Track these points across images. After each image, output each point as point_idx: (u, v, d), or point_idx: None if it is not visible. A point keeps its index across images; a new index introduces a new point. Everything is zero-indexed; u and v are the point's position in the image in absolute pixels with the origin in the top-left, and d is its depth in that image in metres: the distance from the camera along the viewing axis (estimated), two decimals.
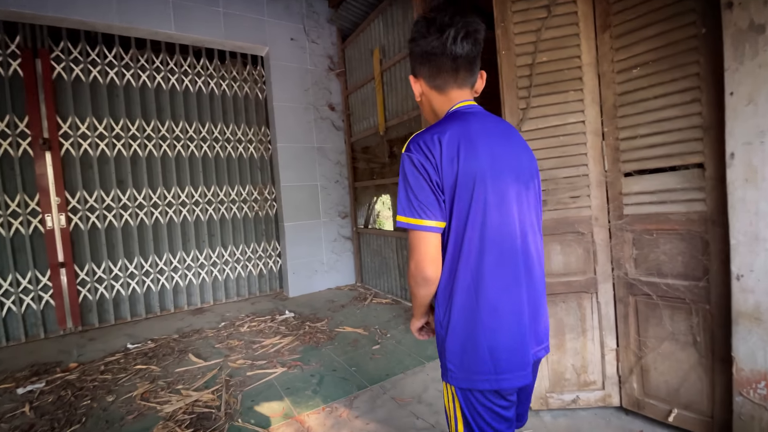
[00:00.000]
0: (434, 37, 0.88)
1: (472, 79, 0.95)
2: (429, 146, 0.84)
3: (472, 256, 0.85)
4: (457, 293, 0.86)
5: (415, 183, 0.84)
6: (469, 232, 0.84)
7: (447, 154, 0.83)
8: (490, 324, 0.85)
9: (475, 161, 0.84)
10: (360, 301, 3.89)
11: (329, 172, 4.45)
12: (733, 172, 1.39)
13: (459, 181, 0.83)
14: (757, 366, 1.39)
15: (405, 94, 3.44)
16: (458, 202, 0.84)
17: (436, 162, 0.83)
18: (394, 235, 3.83)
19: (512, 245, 0.87)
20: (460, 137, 0.85)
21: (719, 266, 1.51)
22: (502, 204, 0.86)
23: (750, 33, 1.30)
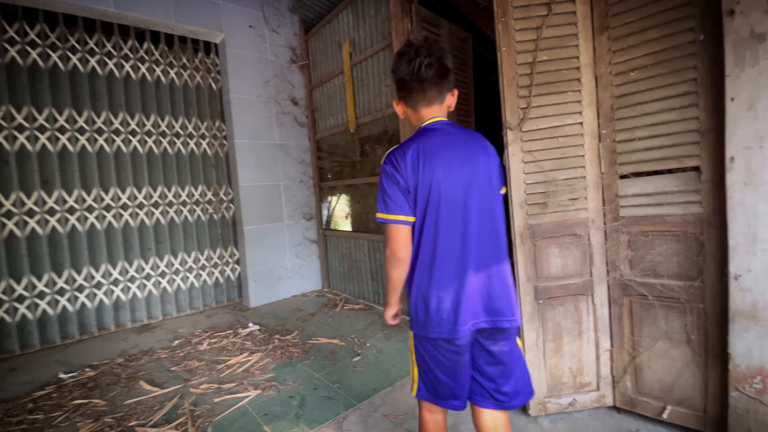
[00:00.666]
0: (405, 66, 1.14)
1: (440, 98, 1.18)
2: (398, 159, 1.12)
3: (429, 242, 1.11)
4: (417, 269, 1.14)
5: (388, 187, 1.12)
6: (427, 225, 1.11)
7: (410, 165, 1.10)
8: (437, 293, 1.11)
9: (431, 170, 1.09)
10: (330, 308, 3.68)
11: (293, 171, 4.17)
12: (732, 175, 1.43)
13: (419, 185, 1.09)
14: (753, 362, 1.45)
15: (378, 91, 3.29)
16: (419, 201, 1.11)
17: (403, 170, 1.10)
18: (366, 237, 3.67)
19: (462, 235, 1.11)
20: (421, 151, 1.11)
21: (714, 266, 1.56)
22: (454, 202, 1.11)
23: (751, 41, 1.33)
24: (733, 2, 1.35)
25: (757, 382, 1.45)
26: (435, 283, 1.11)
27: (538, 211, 1.82)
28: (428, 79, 1.13)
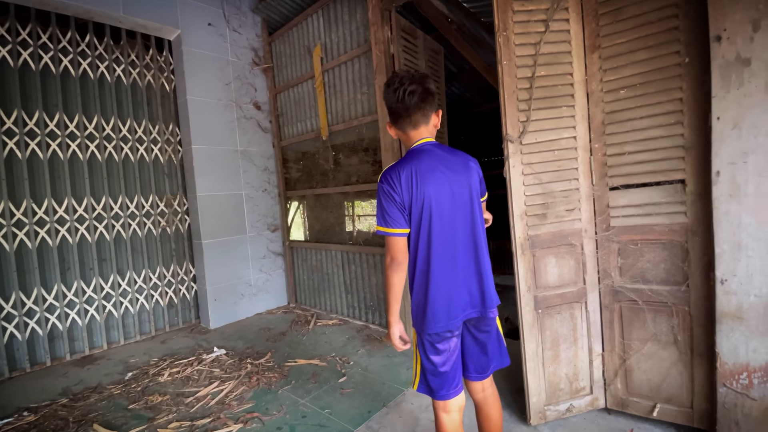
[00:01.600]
0: (392, 95, 1.32)
1: (425, 120, 1.35)
2: (393, 178, 1.29)
3: (424, 250, 1.31)
4: (416, 275, 1.33)
5: (386, 204, 1.30)
6: (421, 236, 1.30)
7: (405, 184, 1.28)
8: (433, 294, 1.30)
9: (423, 188, 1.28)
10: (302, 326, 3.48)
11: (256, 180, 3.91)
12: (718, 188, 1.55)
13: (413, 202, 1.28)
14: (739, 359, 1.57)
15: (353, 98, 3.20)
16: (414, 215, 1.30)
17: (398, 189, 1.28)
18: (340, 249, 3.53)
19: (451, 243, 1.32)
20: (413, 171, 1.28)
21: (698, 272, 1.68)
22: (443, 215, 1.30)
23: (736, 65, 1.46)
24: (720, 29, 1.48)
25: (743, 378, 1.57)
26: (432, 285, 1.30)
27: (537, 222, 1.85)
28: (412, 105, 1.30)
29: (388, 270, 1.31)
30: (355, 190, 3.32)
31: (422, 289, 1.32)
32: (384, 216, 1.29)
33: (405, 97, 1.29)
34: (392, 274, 1.30)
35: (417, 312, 1.34)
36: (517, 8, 1.76)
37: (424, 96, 1.31)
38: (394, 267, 1.30)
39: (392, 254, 1.30)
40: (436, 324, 1.30)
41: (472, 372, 1.46)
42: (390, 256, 1.31)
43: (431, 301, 1.30)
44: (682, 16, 1.60)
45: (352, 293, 3.51)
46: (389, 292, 1.33)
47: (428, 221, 1.29)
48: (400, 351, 1.43)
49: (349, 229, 3.49)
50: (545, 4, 1.78)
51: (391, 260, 1.30)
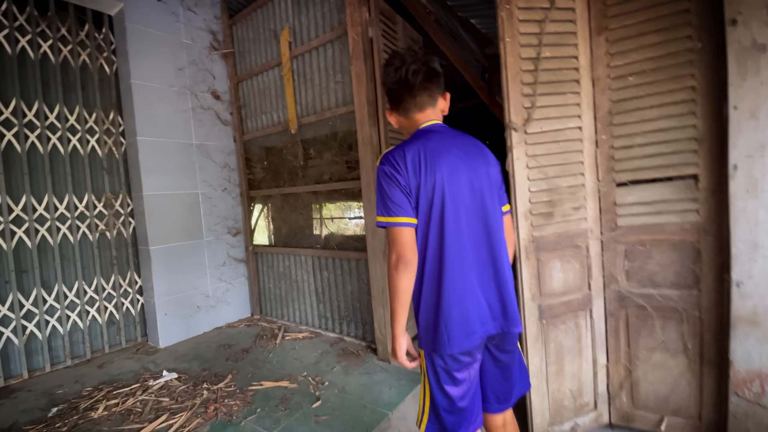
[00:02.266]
0: (393, 75, 1.15)
1: (432, 102, 1.18)
2: (397, 159, 1.08)
3: (436, 248, 1.07)
4: (425, 278, 1.09)
5: (389, 189, 1.07)
6: (432, 230, 1.07)
7: (411, 166, 1.07)
8: (447, 303, 1.06)
9: (434, 172, 1.06)
10: (268, 340, 3.11)
11: (214, 178, 3.50)
12: (735, 183, 1.43)
13: (422, 187, 1.06)
14: (752, 366, 1.46)
15: (326, 87, 2.91)
16: (422, 204, 1.07)
17: (403, 171, 1.07)
18: (311, 253, 3.21)
19: (468, 239, 1.09)
20: (422, 152, 1.07)
21: (711, 274, 1.56)
22: (458, 205, 1.08)
23: (753, 51, 1.35)
24: (735, 12, 1.37)
25: (756, 386, 1.46)
26: (446, 292, 1.07)
27: (542, 222, 1.67)
28: (417, 84, 1.14)
29: (393, 271, 1.05)
30: (327, 189, 3.03)
31: (433, 296, 1.08)
32: (386, 203, 1.07)
33: (409, 77, 1.13)
34: (399, 276, 1.04)
35: (426, 327, 1.10)
36: None
37: (430, 75, 1.15)
38: (401, 267, 1.04)
39: (398, 251, 1.04)
40: (452, 342, 1.06)
41: (492, 402, 1.23)
42: (395, 253, 1.05)
43: (445, 313, 1.07)
44: None
45: (324, 302, 3.20)
46: (395, 299, 1.07)
47: (440, 211, 1.07)
48: (409, 369, 1.18)
49: (321, 232, 3.18)
50: None
51: (396, 259, 1.05)
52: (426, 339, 1.10)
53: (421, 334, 1.12)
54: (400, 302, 1.07)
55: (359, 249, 2.86)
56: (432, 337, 1.08)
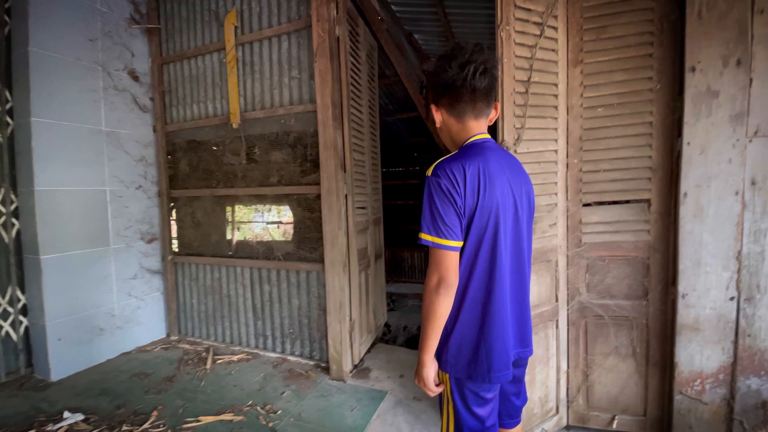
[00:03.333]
0: (456, 72, 1.03)
1: (487, 111, 1.10)
2: (455, 174, 0.98)
3: (483, 274, 1.02)
4: (466, 305, 1.04)
5: (442, 206, 0.98)
6: (482, 255, 1.02)
7: (470, 185, 0.98)
8: (490, 332, 1.03)
9: (492, 194, 1.00)
10: (195, 365, 2.68)
11: (127, 173, 2.92)
12: (685, 208, 1.66)
13: (478, 210, 0.99)
14: (694, 368, 1.70)
15: (279, 82, 2.65)
16: (475, 227, 1.00)
17: (461, 189, 0.98)
18: (249, 264, 2.87)
19: (510, 267, 1.07)
20: (481, 170, 1.00)
21: (658, 286, 1.78)
22: (507, 232, 1.04)
23: (707, 96, 1.59)
24: (695, 60, 1.59)
25: (697, 385, 1.70)
26: (491, 322, 1.03)
27: None
28: (480, 88, 1.04)
29: (434, 295, 0.99)
30: (275, 193, 2.75)
31: (475, 323, 1.04)
32: (436, 222, 0.98)
33: (475, 77, 1.01)
34: (440, 300, 0.99)
35: (458, 352, 1.05)
36: (519, 3, 1.62)
37: (493, 82, 1.06)
38: (442, 291, 0.99)
39: (442, 274, 0.99)
40: (492, 373, 1.03)
41: (504, 418, 1.23)
42: (437, 275, 0.99)
43: (488, 342, 1.03)
44: (657, 45, 1.69)
45: (264, 319, 2.88)
46: (431, 323, 1.01)
47: (492, 238, 1.02)
48: (432, 395, 1.09)
49: (265, 239, 2.87)
50: (541, 6, 1.68)
51: (439, 281, 0.99)
52: (457, 365, 1.05)
53: (450, 360, 1.06)
54: (436, 327, 1.02)
55: (312, 260, 2.65)
56: (467, 363, 1.04)
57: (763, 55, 1.52)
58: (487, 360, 1.02)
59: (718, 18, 1.55)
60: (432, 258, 1.00)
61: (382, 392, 2.33)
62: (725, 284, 1.64)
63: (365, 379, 2.50)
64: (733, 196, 1.59)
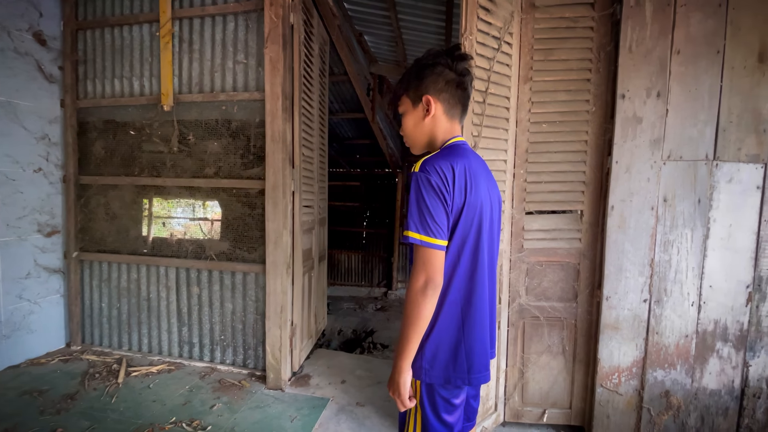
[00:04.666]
0: (459, 74, 1.05)
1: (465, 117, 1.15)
2: (445, 172, 0.96)
3: (465, 276, 1.02)
4: (446, 307, 1.01)
5: (432, 204, 0.96)
6: (465, 256, 1.01)
7: (459, 184, 0.97)
8: (470, 333, 1.02)
9: (477, 194, 1.00)
10: (104, 379, 2.32)
11: (23, 152, 2.45)
12: (611, 220, 1.85)
13: (465, 210, 0.98)
14: (613, 363, 1.90)
15: (221, 65, 2.43)
16: (461, 227, 0.99)
17: (450, 187, 0.96)
18: (176, 264, 2.57)
19: (488, 268, 1.07)
20: (467, 171, 0.99)
21: (586, 289, 1.97)
22: (486, 233, 1.04)
23: (633, 121, 1.80)
24: (625, 89, 1.79)
25: (615, 378, 1.90)
26: (472, 320, 1.02)
27: None
28: (468, 96, 1.10)
29: (419, 296, 0.95)
30: (211, 185, 2.51)
31: (454, 324, 1.02)
32: (425, 219, 0.95)
33: (469, 86, 1.08)
34: (425, 302, 0.95)
35: (436, 357, 1.01)
36: (481, 16, 1.68)
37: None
38: (429, 292, 0.95)
39: (430, 274, 0.95)
40: (472, 375, 1.01)
41: (464, 422, 1.21)
42: (425, 275, 0.95)
43: (470, 343, 1.01)
44: (594, 71, 1.87)
45: (191, 325, 2.61)
46: (414, 326, 0.96)
47: (476, 238, 1.01)
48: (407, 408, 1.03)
49: (196, 237, 2.61)
50: (500, 22, 1.76)
51: (426, 282, 0.95)
52: (432, 370, 1.01)
53: (425, 365, 1.01)
54: (419, 330, 0.97)
55: (250, 261, 2.46)
56: (444, 368, 1.01)
57: (677, 90, 1.76)
58: (467, 361, 1.01)
59: (644, 53, 1.77)
60: (419, 257, 0.96)
61: (324, 399, 2.23)
62: (640, 288, 1.86)
63: (305, 386, 2.39)
64: (649, 210, 1.82)
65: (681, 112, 1.77)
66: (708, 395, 1.86)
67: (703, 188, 1.78)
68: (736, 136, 1.76)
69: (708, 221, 1.79)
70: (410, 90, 1.09)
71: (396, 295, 6.24)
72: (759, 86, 1.74)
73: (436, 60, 1.05)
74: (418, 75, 1.07)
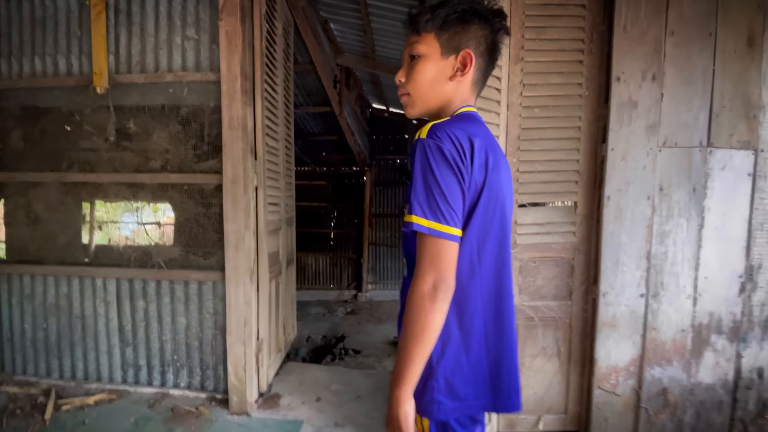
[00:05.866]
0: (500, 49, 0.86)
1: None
2: (461, 141, 0.73)
3: (490, 277, 0.80)
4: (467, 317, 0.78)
5: (445, 180, 0.72)
6: (488, 251, 0.79)
7: (478, 158, 0.74)
8: (497, 347, 0.81)
9: (499, 174, 0.79)
10: (27, 416, 1.91)
11: None
12: (607, 211, 1.74)
13: (486, 190, 0.76)
14: (610, 362, 1.79)
15: (167, 41, 2.09)
16: (480, 215, 0.76)
17: (467, 161, 0.73)
18: (116, 274, 2.19)
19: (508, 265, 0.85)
20: (488, 144, 0.78)
21: (581, 286, 1.85)
22: (507, 223, 0.84)
23: (628, 105, 1.69)
24: (620, 71, 1.68)
25: (612, 379, 1.79)
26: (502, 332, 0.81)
27: None
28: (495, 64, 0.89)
29: (427, 302, 0.70)
30: (157, 181, 2.16)
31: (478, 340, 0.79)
32: (435, 200, 0.71)
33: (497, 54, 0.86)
34: (435, 310, 0.70)
35: (451, 386, 0.77)
36: None
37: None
38: (440, 296, 0.70)
39: (441, 272, 0.71)
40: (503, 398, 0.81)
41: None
42: (436, 274, 0.71)
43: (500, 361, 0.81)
44: (587, 53, 1.75)
45: (135, 345, 2.23)
46: (420, 343, 0.71)
47: (501, 228, 0.80)
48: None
49: (140, 242, 2.24)
50: None
51: (435, 284, 0.70)
52: (449, 401, 0.77)
53: (437, 398, 0.77)
54: (425, 348, 0.71)
55: (206, 268, 2.14)
56: (464, 397, 0.78)
57: (671, 72, 1.67)
58: (497, 386, 0.80)
59: (639, 33, 1.67)
60: (426, 251, 0.72)
61: (297, 422, 1.97)
62: (637, 282, 1.76)
63: (275, 408, 2.10)
64: (645, 200, 1.72)
65: (676, 96, 1.68)
66: (703, 390, 1.80)
67: (698, 176, 1.71)
68: (728, 122, 1.70)
69: (703, 210, 1.72)
70: (447, 31, 0.80)
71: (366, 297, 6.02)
72: (749, 71, 1.69)
73: (492, 18, 0.81)
74: (464, 18, 0.80)
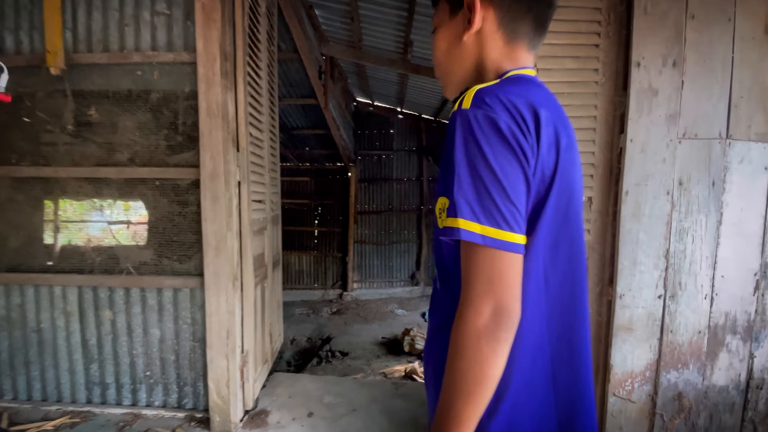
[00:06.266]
0: None
1: (541, 42, 0.68)
2: (522, 111, 0.52)
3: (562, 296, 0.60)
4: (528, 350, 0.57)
5: (504, 167, 0.50)
6: (560, 262, 0.59)
7: (546, 135, 0.53)
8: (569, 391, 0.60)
9: (572, 158, 0.59)
10: None
11: None
12: (626, 207, 1.62)
13: (556, 183, 0.55)
14: (626, 368, 1.68)
15: (134, 15, 1.82)
16: (551, 215, 0.55)
17: (533, 140, 0.52)
18: (79, 282, 1.92)
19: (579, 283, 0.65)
20: (557, 117, 0.56)
21: (596, 288, 1.73)
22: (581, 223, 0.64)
23: (648, 93, 1.57)
24: (640, 56, 1.56)
25: (627, 385, 1.69)
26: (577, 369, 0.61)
27: None
28: (554, 6, 0.64)
29: (483, 342, 0.50)
30: (124, 176, 1.90)
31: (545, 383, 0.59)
32: (491, 196, 0.50)
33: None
34: (497, 352, 0.50)
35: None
36: None
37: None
38: (503, 333, 0.50)
39: (501, 298, 0.50)
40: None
41: None
42: (495, 302, 0.50)
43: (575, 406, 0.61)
44: (603, 36, 1.62)
45: (102, 361, 1.98)
46: (475, 397, 0.51)
47: (573, 231, 0.60)
48: None
49: (106, 244, 1.98)
50: None
51: (497, 314, 0.50)
52: None
53: None
54: (481, 403, 0.51)
55: (183, 273, 1.91)
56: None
57: (692, 59, 1.56)
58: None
59: (660, 15, 1.55)
60: (478, 269, 0.51)
61: None
62: (655, 282, 1.65)
63: (263, 427, 1.90)
64: (665, 195, 1.61)
65: (696, 84, 1.58)
66: (717, 392, 1.72)
67: (717, 169, 1.61)
68: (746, 112, 1.60)
69: (721, 206, 1.62)
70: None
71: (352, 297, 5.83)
72: (766, 60, 1.60)
73: None
74: None
